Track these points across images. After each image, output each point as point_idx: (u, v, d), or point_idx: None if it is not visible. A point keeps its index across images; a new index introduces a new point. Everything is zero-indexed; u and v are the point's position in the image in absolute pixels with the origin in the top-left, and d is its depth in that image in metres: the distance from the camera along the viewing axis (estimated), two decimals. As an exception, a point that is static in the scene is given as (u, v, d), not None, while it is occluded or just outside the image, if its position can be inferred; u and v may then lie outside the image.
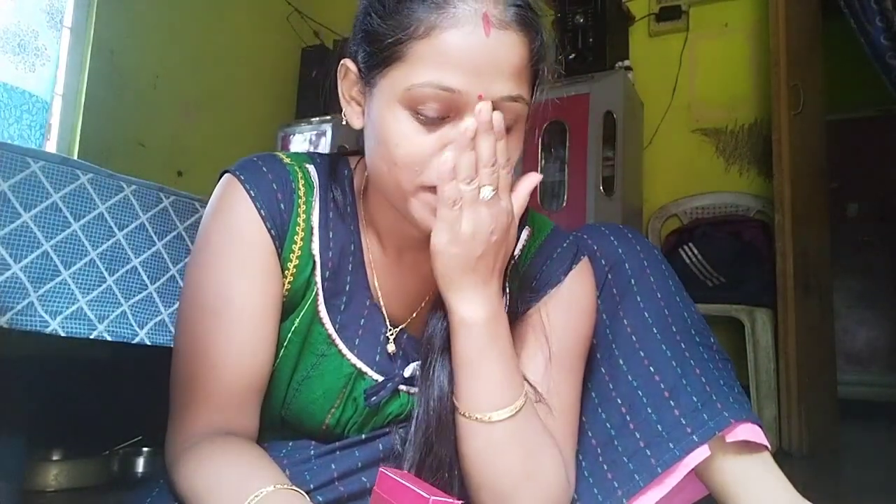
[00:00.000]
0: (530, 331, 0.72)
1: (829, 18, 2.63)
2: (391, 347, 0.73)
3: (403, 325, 0.74)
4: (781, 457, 2.00)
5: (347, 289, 0.72)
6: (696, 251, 2.44)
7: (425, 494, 0.52)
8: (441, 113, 0.60)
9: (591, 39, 2.72)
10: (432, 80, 0.58)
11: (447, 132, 0.60)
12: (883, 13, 2.49)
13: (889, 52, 2.51)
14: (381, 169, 0.63)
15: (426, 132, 0.60)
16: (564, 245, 0.76)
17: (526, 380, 0.69)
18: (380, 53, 0.61)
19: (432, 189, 0.61)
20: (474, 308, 0.64)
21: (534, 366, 0.71)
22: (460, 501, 0.53)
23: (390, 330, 0.73)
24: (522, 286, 0.74)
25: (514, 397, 0.65)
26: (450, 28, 0.58)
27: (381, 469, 0.58)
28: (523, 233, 0.76)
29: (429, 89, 0.58)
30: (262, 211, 0.67)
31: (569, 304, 0.72)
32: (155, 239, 1.16)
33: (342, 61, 0.69)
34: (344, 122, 0.69)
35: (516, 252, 0.75)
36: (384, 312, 0.73)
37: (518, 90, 0.61)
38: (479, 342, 0.64)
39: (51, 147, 2.37)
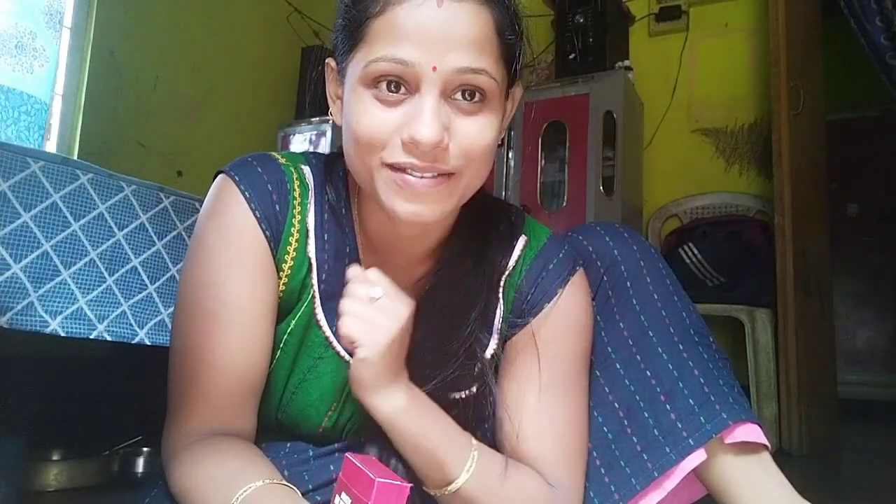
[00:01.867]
0: (522, 357, 0.72)
1: (829, 18, 2.63)
2: None
3: None
4: (781, 457, 2.00)
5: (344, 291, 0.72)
6: (695, 251, 2.44)
7: (372, 476, 0.53)
8: (398, 88, 0.59)
9: (591, 39, 2.72)
10: (385, 54, 0.58)
11: (407, 109, 0.59)
12: (883, 13, 2.49)
13: (889, 52, 2.51)
14: (349, 152, 0.64)
15: (386, 109, 0.60)
16: (560, 256, 0.75)
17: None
18: (348, 40, 0.62)
19: (393, 167, 0.61)
20: (396, 399, 0.63)
21: (526, 392, 0.71)
22: (408, 484, 0.54)
23: None
24: (518, 298, 0.73)
25: (468, 450, 0.66)
26: (402, 2, 0.58)
27: (346, 455, 0.58)
28: (519, 241, 0.75)
29: (383, 63, 0.58)
30: (256, 212, 0.66)
31: (563, 325, 0.72)
32: (155, 239, 1.16)
33: (326, 60, 0.69)
34: (330, 121, 0.69)
35: (511, 262, 0.74)
36: None
37: (479, 62, 0.59)
38: (416, 424, 0.64)
39: (51, 147, 2.37)
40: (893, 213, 3.77)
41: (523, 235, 0.76)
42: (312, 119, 3.17)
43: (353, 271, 0.65)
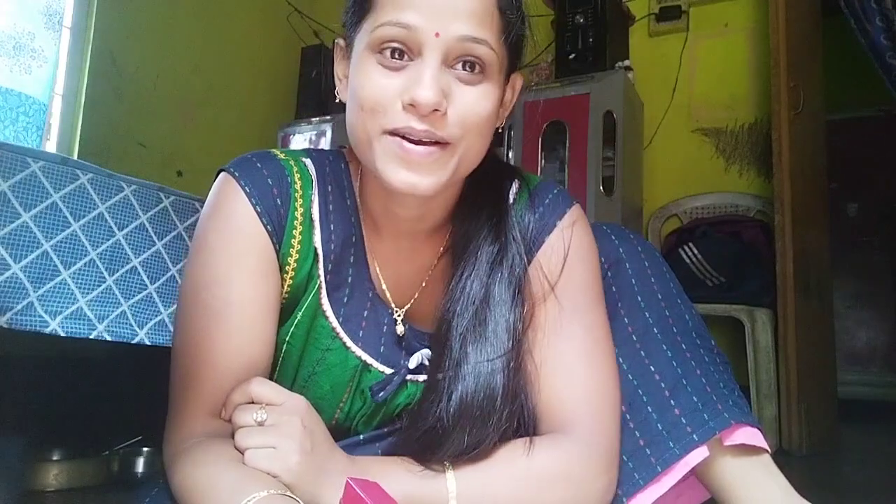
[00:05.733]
0: (538, 306, 0.71)
1: (829, 18, 2.63)
2: (400, 329, 0.73)
3: (404, 313, 0.74)
4: (781, 457, 2.00)
5: (350, 281, 0.72)
6: (696, 251, 2.44)
7: None
8: (402, 56, 0.61)
9: (591, 39, 2.71)
10: (391, 19, 0.60)
11: (409, 74, 0.61)
12: (883, 13, 2.49)
13: (889, 52, 2.51)
14: (351, 121, 0.65)
15: (390, 75, 0.61)
16: (554, 192, 0.76)
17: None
18: (357, 13, 0.65)
19: (394, 133, 0.61)
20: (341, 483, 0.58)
21: (547, 341, 0.70)
22: None
23: (397, 311, 0.73)
24: (519, 236, 0.73)
25: (441, 481, 0.63)
26: None
27: (347, 479, 0.56)
28: (514, 184, 0.77)
29: (388, 28, 0.60)
30: (257, 206, 0.67)
31: (569, 255, 0.72)
32: (155, 239, 1.16)
33: (336, 41, 0.72)
34: (337, 101, 0.71)
35: (510, 202, 0.75)
36: (388, 299, 0.73)
37: (480, 33, 0.61)
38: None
39: (51, 147, 2.37)
40: (893, 213, 3.77)
41: (516, 180, 0.77)
42: (312, 119, 3.17)
43: (233, 396, 0.62)
